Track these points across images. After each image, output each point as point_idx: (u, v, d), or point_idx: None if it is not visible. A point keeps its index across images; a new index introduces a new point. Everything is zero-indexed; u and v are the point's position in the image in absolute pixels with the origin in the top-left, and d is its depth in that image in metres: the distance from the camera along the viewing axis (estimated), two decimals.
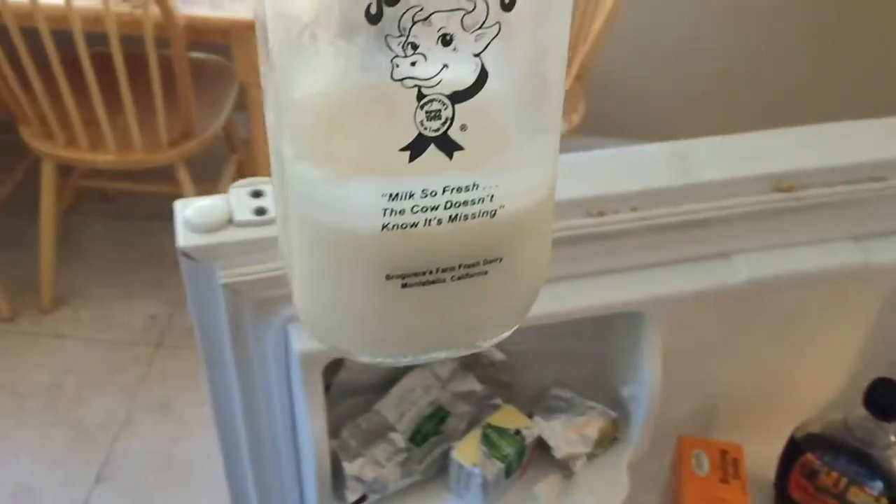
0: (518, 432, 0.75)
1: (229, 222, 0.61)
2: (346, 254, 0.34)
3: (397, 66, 0.30)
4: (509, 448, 0.74)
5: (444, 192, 0.32)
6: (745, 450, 0.84)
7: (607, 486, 0.78)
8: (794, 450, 0.82)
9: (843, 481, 0.79)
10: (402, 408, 0.77)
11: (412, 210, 0.32)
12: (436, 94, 0.30)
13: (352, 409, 0.77)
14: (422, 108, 0.31)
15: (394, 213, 0.32)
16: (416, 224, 0.33)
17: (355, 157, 0.32)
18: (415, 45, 0.29)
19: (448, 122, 0.31)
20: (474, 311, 0.37)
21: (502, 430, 0.75)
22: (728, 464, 0.82)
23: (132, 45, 1.57)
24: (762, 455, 0.84)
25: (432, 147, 0.31)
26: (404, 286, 0.34)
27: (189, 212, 0.61)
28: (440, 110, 0.31)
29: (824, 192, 0.70)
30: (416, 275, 0.34)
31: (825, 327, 0.83)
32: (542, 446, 0.78)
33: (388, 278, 0.34)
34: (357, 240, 0.33)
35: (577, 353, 0.80)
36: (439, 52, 0.30)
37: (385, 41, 0.29)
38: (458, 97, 0.31)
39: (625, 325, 0.74)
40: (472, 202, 0.33)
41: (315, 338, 0.38)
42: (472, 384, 0.79)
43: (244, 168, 2.07)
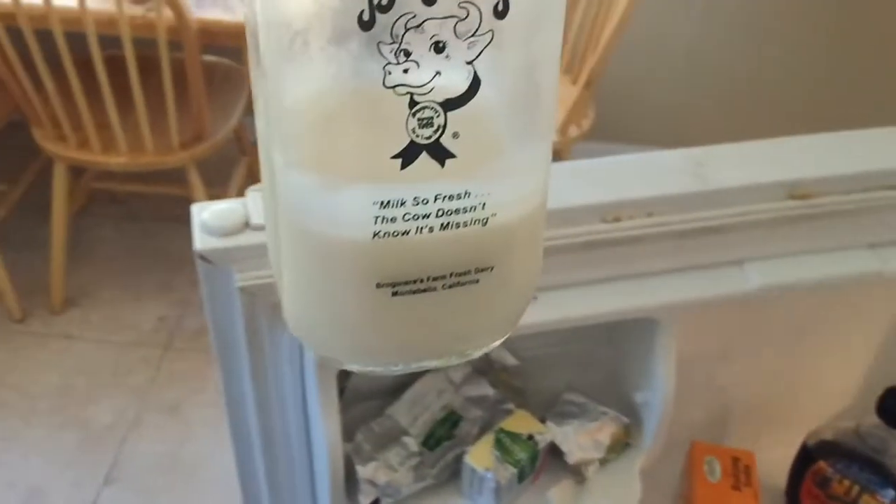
0: (531, 437, 0.75)
1: (246, 225, 0.61)
2: (337, 261, 0.33)
3: (389, 73, 0.29)
4: (522, 453, 0.74)
5: (435, 199, 0.32)
6: (756, 457, 0.84)
7: (620, 491, 0.78)
8: (806, 457, 0.82)
9: (855, 489, 0.78)
10: (414, 412, 0.77)
11: (404, 218, 0.32)
12: (428, 101, 0.30)
13: (365, 412, 0.77)
14: (414, 115, 0.30)
15: (385, 220, 0.32)
16: (407, 232, 0.32)
17: (347, 165, 0.32)
18: (407, 52, 0.29)
19: (440, 130, 0.31)
20: (465, 319, 0.36)
21: (515, 435, 0.75)
22: (740, 471, 0.82)
23: (145, 47, 1.58)
24: (774, 462, 0.84)
25: (424, 155, 0.31)
26: (395, 294, 0.34)
27: (206, 215, 0.61)
28: (432, 118, 0.30)
29: (839, 199, 0.70)
30: (406, 283, 0.34)
31: (838, 335, 0.83)
32: (554, 451, 0.78)
33: (378, 286, 0.33)
34: (348, 247, 0.33)
35: (590, 358, 0.80)
36: (432, 60, 0.30)
37: (377, 48, 0.29)
38: (450, 105, 0.30)
39: (638, 331, 0.74)
40: (464, 210, 0.33)
41: (305, 346, 0.38)
42: (484, 389, 0.79)
43: (254, 171, 2.07)
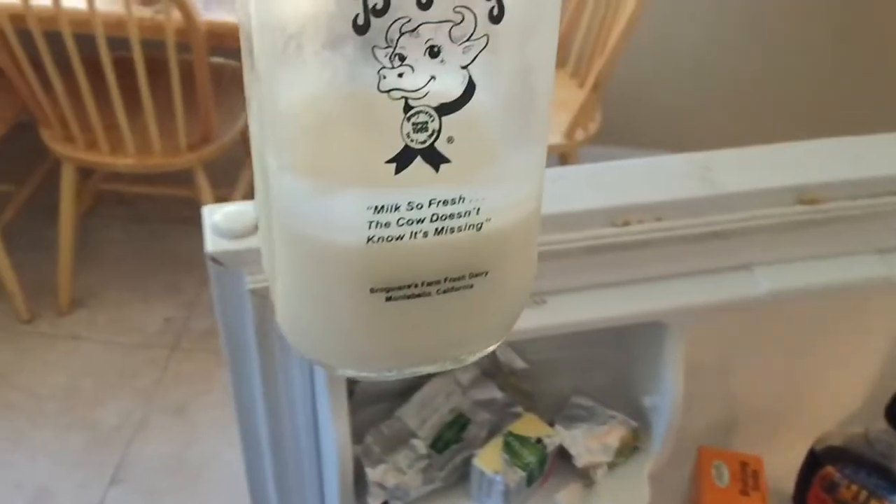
0: (539, 440, 0.75)
1: (257, 228, 0.61)
2: (330, 266, 0.33)
3: (384, 77, 0.29)
4: (531, 456, 0.74)
5: (430, 204, 0.32)
6: (764, 461, 0.84)
7: (628, 495, 0.78)
8: (814, 463, 0.82)
9: (863, 495, 0.78)
10: (423, 414, 0.77)
11: (398, 223, 0.32)
12: (423, 105, 0.30)
13: (374, 415, 0.77)
14: (408, 119, 0.30)
15: (379, 225, 0.32)
16: (401, 237, 0.32)
17: (341, 169, 0.32)
18: (402, 57, 0.29)
19: (435, 135, 0.31)
20: (459, 324, 0.36)
21: (524, 439, 0.75)
22: (748, 475, 0.82)
23: (153, 49, 1.58)
24: (782, 467, 0.84)
25: (419, 159, 0.31)
26: (389, 299, 0.34)
27: (217, 217, 0.61)
28: (427, 122, 0.30)
29: (848, 205, 0.70)
30: (400, 288, 0.33)
31: (847, 340, 0.83)
32: (563, 455, 0.78)
33: (372, 291, 0.33)
34: (341, 252, 0.32)
35: (598, 362, 0.80)
36: (427, 64, 0.29)
37: (372, 52, 0.29)
38: (445, 109, 0.30)
39: (647, 335, 0.74)
40: (459, 215, 0.32)
41: (298, 351, 0.38)
42: (492, 392, 0.80)
43: None
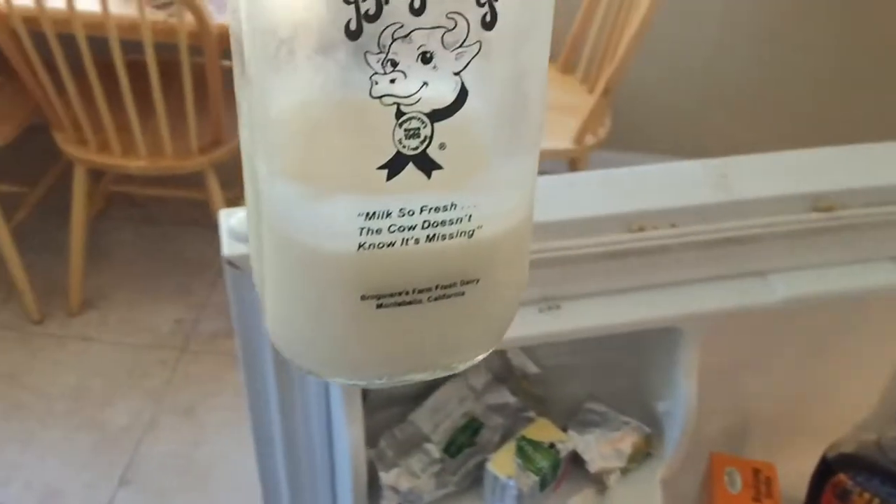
0: (552, 445, 0.75)
1: None
2: (321, 273, 0.33)
3: (376, 83, 0.29)
4: (544, 461, 0.74)
5: (421, 211, 0.32)
6: (777, 468, 0.83)
7: (640, 501, 0.78)
8: (826, 470, 0.81)
9: (876, 502, 0.78)
10: (436, 419, 0.77)
11: (389, 229, 0.31)
12: (415, 111, 0.30)
13: (388, 418, 0.78)
14: (400, 125, 0.30)
15: (370, 232, 0.31)
16: (393, 244, 0.32)
17: (332, 175, 0.31)
18: (394, 63, 0.29)
19: (427, 141, 0.30)
20: (451, 332, 0.36)
21: (537, 444, 0.75)
22: (761, 482, 0.82)
23: (164, 52, 1.59)
24: (795, 474, 0.84)
25: (410, 166, 0.31)
26: (380, 307, 0.33)
27: (233, 221, 0.62)
28: (419, 128, 0.30)
29: (863, 212, 0.70)
30: (391, 295, 0.33)
31: (860, 347, 0.83)
32: (576, 460, 0.78)
33: (363, 298, 0.33)
34: (332, 259, 0.32)
35: (612, 367, 0.80)
36: (419, 70, 0.29)
37: (364, 58, 0.29)
38: (437, 115, 0.30)
39: (661, 341, 0.74)
40: (450, 222, 0.32)
41: (288, 359, 0.37)
42: (505, 397, 0.80)
43: None
